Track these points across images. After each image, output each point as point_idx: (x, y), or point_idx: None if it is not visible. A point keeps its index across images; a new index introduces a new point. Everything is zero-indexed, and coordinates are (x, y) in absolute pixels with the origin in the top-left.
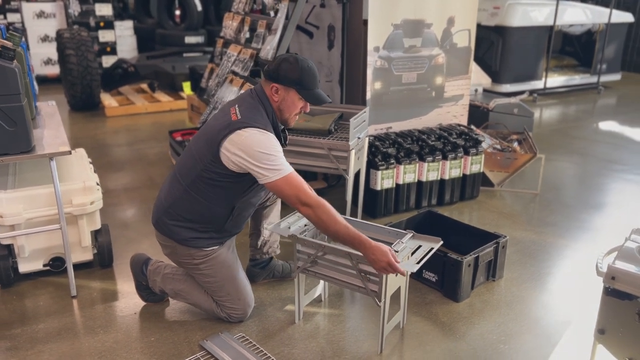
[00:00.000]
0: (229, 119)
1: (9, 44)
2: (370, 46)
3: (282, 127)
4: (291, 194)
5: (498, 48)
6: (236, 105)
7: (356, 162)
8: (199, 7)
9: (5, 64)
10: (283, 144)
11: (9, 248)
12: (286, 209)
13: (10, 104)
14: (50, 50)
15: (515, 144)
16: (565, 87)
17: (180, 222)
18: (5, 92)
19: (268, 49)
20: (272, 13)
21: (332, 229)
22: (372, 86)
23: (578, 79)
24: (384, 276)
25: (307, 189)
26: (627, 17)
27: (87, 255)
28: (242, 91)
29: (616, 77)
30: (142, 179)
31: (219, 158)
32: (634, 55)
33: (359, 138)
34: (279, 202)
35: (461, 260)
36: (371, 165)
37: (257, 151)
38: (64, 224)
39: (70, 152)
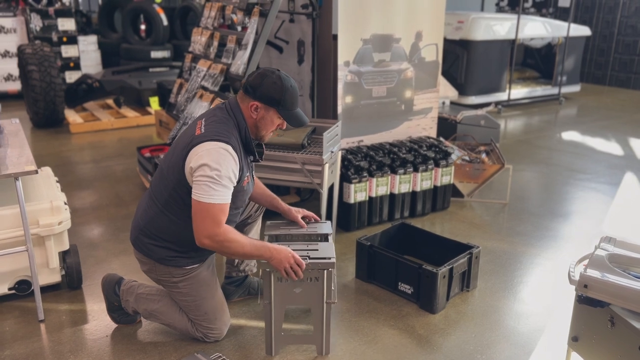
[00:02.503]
0: (192, 134)
1: None
2: (340, 61)
3: (257, 142)
4: (205, 224)
5: (463, 61)
6: (203, 120)
7: (330, 176)
8: (165, 22)
9: None
10: (257, 159)
11: None
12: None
13: None
14: (11, 66)
15: (484, 155)
16: (528, 99)
17: (158, 242)
18: None
19: (239, 64)
20: (239, 28)
21: (240, 253)
22: (343, 100)
23: (540, 90)
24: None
25: (222, 224)
26: (584, 31)
27: (55, 277)
28: (212, 106)
29: (576, 88)
30: (110, 196)
31: (184, 176)
32: (592, 67)
33: (332, 152)
34: (259, 220)
35: (436, 271)
36: (344, 178)
37: (206, 165)
38: (30, 245)
39: (37, 171)
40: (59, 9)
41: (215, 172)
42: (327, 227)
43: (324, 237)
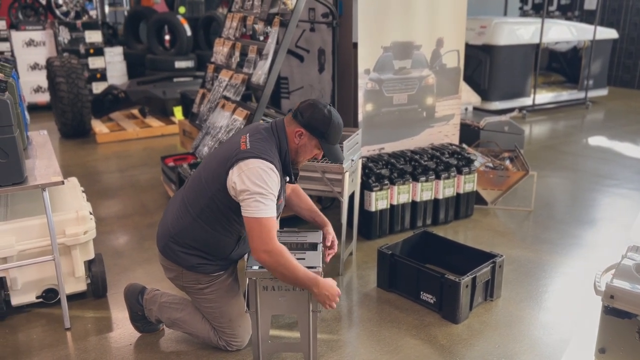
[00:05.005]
0: (237, 147)
1: (1, 75)
2: (360, 69)
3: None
4: (259, 238)
5: (486, 66)
6: (247, 135)
7: (350, 184)
8: (189, 32)
9: None
10: (292, 180)
11: (1, 281)
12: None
13: (2, 135)
14: (40, 78)
15: (507, 162)
16: (554, 104)
17: (188, 250)
18: None
19: (260, 74)
20: (261, 38)
21: (292, 275)
22: (364, 108)
23: (566, 95)
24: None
25: (275, 238)
26: (611, 34)
27: (81, 286)
28: (234, 116)
29: (603, 92)
30: (135, 206)
31: (226, 187)
32: (620, 70)
33: (352, 160)
34: None
35: (459, 281)
36: (365, 186)
37: (252, 181)
38: (57, 255)
39: (63, 182)
40: (86, 22)
41: (262, 189)
42: (317, 237)
43: (313, 246)
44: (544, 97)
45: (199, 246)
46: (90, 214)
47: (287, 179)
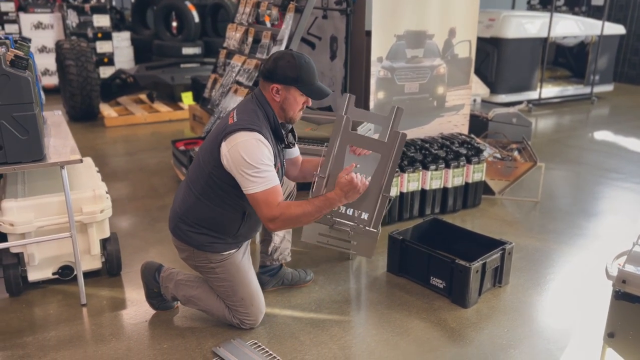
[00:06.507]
0: (226, 123)
1: (21, 53)
2: (373, 56)
3: (290, 126)
4: (261, 210)
5: (494, 59)
6: (235, 111)
7: None
8: (197, 19)
9: (19, 73)
10: (288, 145)
11: (18, 257)
12: None
13: (23, 112)
14: (48, 61)
15: (516, 153)
16: (560, 98)
17: (196, 229)
18: (18, 101)
19: None
20: (267, 24)
21: (309, 220)
22: (376, 96)
23: (572, 89)
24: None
25: (275, 204)
26: (618, 29)
27: (96, 264)
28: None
29: (609, 87)
30: (145, 188)
31: (220, 162)
32: (626, 67)
33: None
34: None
35: (469, 266)
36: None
37: (243, 160)
38: (74, 232)
39: (81, 161)
40: (94, 6)
41: (254, 162)
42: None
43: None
44: (550, 91)
45: (206, 225)
46: (107, 193)
47: (283, 145)
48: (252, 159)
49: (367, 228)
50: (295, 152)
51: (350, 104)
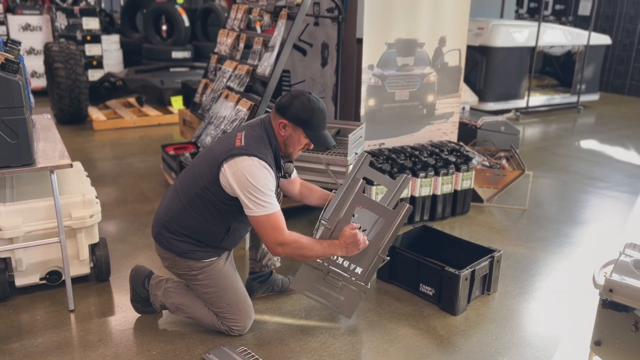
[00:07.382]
0: (232, 144)
1: (11, 56)
2: (364, 64)
3: (288, 160)
4: (269, 234)
5: (482, 67)
6: (243, 132)
7: None
8: (187, 23)
9: (9, 77)
10: (284, 175)
11: (6, 261)
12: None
13: (13, 117)
14: (36, 63)
15: (504, 161)
16: (547, 106)
17: (179, 236)
18: (9, 104)
19: (265, 66)
20: (258, 29)
21: (310, 256)
22: (366, 103)
23: (559, 98)
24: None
25: (284, 230)
26: (604, 40)
27: (85, 269)
28: (238, 106)
29: (595, 97)
30: (134, 193)
31: (218, 179)
32: (611, 76)
33: (356, 153)
34: None
35: (458, 274)
36: (366, 180)
37: (249, 182)
38: (63, 237)
39: (71, 165)
40: (84, 8)
41: (259, 186)
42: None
43: None
44: (537, 99)
45: (188, 233)
46: (96, 198)
47: (281, 174)
48: (258, 183)
49: (358, 282)
50: (293, 173)
51: (364, 164)
